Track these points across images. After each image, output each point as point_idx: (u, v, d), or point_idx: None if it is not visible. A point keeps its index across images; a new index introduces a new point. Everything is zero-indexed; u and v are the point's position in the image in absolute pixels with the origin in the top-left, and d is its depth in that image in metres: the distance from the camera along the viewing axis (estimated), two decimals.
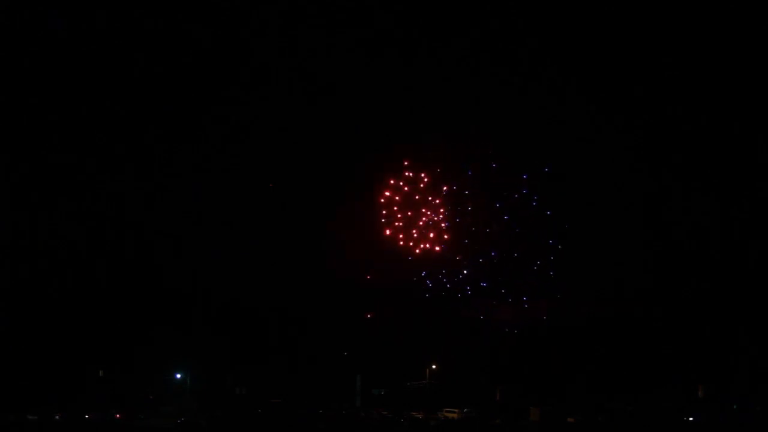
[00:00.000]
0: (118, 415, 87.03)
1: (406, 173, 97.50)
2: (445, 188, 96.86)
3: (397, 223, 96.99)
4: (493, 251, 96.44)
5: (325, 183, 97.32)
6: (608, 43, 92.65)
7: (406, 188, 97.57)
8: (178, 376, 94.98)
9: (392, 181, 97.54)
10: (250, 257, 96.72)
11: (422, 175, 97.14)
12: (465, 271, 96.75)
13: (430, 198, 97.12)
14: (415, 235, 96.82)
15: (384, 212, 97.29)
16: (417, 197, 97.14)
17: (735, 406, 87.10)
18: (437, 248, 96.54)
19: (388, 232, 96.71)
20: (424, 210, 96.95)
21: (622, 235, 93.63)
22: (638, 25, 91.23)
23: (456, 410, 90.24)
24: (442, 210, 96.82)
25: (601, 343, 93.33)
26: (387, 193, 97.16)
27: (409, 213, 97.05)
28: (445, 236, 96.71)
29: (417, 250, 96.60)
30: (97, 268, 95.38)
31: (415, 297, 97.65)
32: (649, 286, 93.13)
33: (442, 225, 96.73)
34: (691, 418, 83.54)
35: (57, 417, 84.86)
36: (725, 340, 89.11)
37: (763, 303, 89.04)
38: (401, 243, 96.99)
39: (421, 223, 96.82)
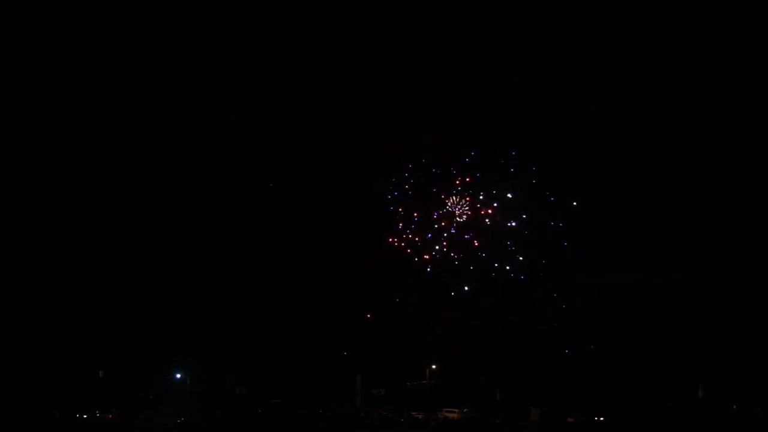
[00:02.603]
0: (110, 416, 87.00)
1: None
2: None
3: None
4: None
5: (326, 183, 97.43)
6: (608, 43, 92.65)
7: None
8: (178, 376, 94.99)
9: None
10: (251, 257, 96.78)
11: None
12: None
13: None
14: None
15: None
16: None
17: (735, 406, 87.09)
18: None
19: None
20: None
21: (622, 236, 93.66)
22: (638, 25, 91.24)
23: (456, 410, 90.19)
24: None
25: (601, 343, 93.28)
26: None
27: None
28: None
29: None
30: (98, 269, 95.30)
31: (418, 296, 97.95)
32: (649, 286, 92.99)
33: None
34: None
35: (57, 417, 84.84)
36: (725, 340, 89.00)
37: (763, 303, 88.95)
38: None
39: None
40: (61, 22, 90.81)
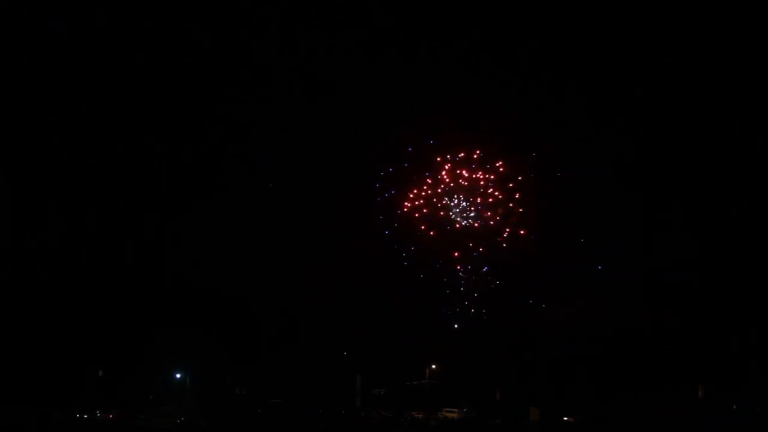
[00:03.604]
0: (111, 416, 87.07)
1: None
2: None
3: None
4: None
5: (326, 182, 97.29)
6: (608, 43, 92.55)
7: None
8: (178, 376, 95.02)
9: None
10: (250, 257, 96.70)
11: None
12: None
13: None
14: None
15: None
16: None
17: (735, 406, 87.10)
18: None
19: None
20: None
21: (622, 236, 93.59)
22: (638, 25, 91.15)
23: (456, 410, 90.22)
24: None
25: (601, 343, 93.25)
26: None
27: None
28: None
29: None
30: (97, 268, 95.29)
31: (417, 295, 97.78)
32: (649, 286, 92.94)
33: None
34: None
35: (57, 417, 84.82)
36: (725, 340, 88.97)
37: (763, 303, 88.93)
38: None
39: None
40: (61, 22, 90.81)
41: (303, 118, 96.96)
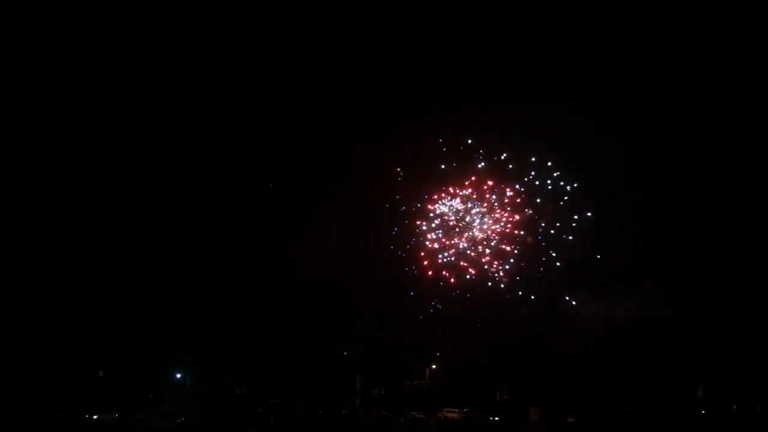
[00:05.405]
0: (116, 415, 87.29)
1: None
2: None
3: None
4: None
5: (325, 181, 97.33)
6: (610, 43, 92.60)
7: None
8: (178, 376, 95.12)
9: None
10: (250, 256, 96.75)
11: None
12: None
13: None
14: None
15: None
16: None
17: (735, 406, 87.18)
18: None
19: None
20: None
21: (622, 235, 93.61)
22: (638, 25, 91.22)
23: (456, 410, 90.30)
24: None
25: (602, 344, 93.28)
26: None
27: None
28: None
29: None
30: (97, 268, 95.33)
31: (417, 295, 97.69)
32: (649, 286, 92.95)
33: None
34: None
35: (57, 417, 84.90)
36: (725, 340, 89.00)
37: (763, 303, 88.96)
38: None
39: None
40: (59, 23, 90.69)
41: (302, 118, 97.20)
